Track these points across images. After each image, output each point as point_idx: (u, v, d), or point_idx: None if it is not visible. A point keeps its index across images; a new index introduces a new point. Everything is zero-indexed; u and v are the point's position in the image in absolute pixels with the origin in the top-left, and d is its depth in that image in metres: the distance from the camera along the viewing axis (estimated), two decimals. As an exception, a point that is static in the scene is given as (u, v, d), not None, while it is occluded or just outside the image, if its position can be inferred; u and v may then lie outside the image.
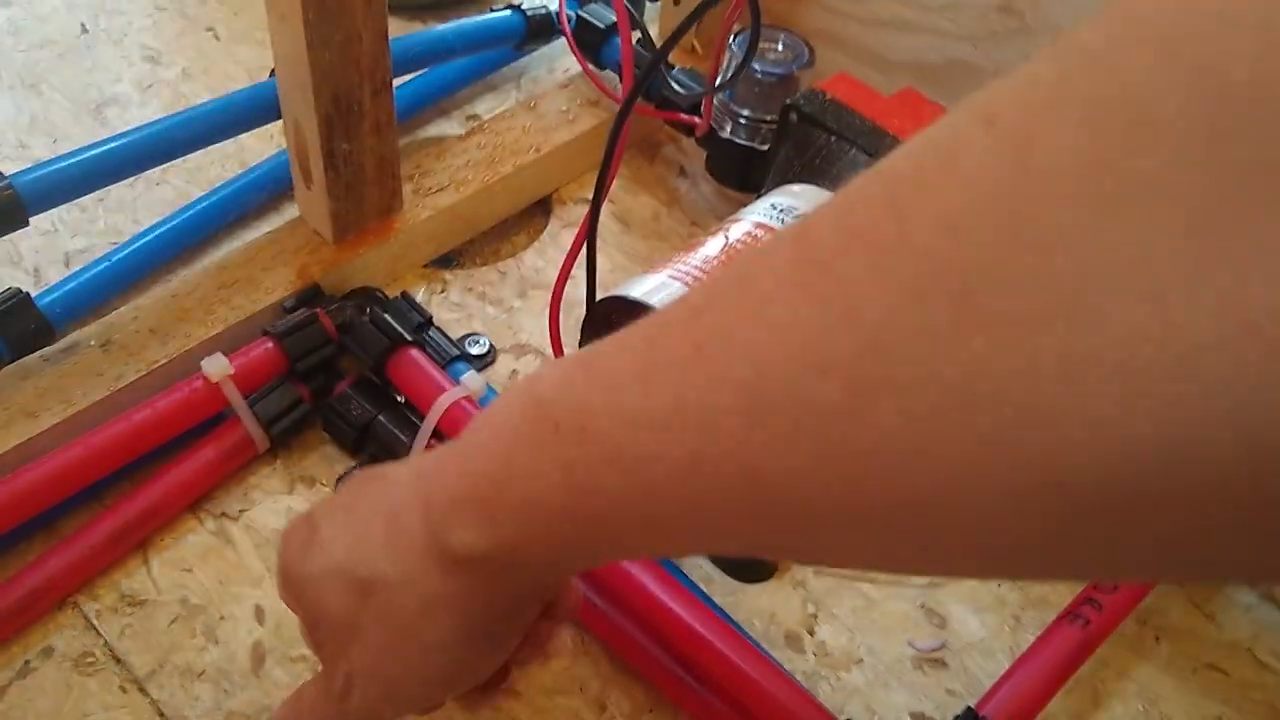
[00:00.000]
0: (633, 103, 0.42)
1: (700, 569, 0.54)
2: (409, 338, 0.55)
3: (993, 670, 0.51)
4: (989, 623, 0.53)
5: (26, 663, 0.48)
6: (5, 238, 0.53)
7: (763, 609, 0.52)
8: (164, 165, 0.60)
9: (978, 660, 0.52)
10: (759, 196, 0.56)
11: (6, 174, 0.52)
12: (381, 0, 0.53)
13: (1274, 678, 0.52)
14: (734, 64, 0.61)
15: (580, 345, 0.52)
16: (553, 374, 0.29)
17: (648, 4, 0.78)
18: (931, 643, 0.52)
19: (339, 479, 0.55)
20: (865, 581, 0.54)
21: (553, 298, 0.48)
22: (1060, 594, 0.54)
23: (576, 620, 0.41)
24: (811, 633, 0.52)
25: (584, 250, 0.47)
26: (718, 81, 0.62)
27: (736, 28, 0.59)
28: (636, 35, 0.67)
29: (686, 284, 0.49)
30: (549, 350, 0.61)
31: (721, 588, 0.53)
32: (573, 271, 0.47)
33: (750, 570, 0.53)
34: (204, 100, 0.59)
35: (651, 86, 0.66)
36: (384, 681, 0.35)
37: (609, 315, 0.51)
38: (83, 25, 0.77)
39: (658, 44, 0.72)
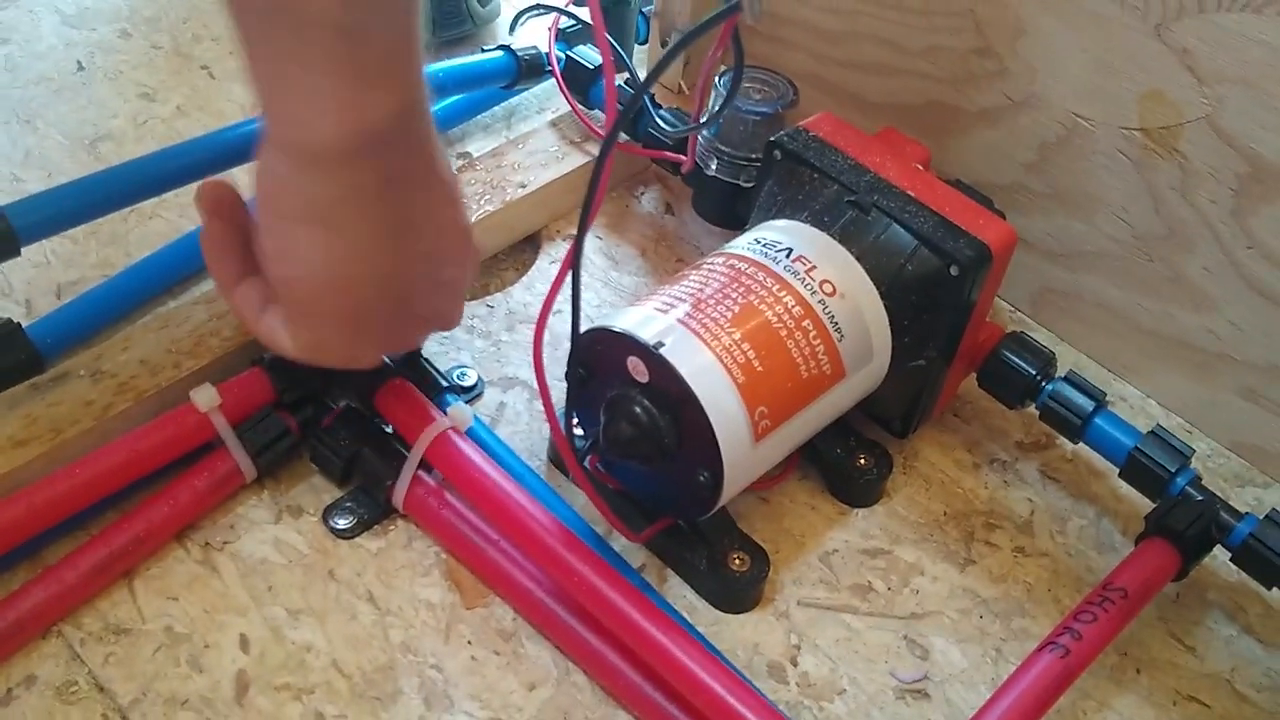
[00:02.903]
0: (616, 134, 0.43)
1: (685, 599, 0.54)
2: (397, 369, 0.56)
3: (974, 701, 0.51)
4: (970, 654, 0.53)
5: (9, 691, 0.48)
6: (-2, 269, 0.54)
7: (746, 639, 0.53)
8: (156, 199, 0.61)
9: (960, 691, 0.52)
10: (743, 232, 0.57)
11: None
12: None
13: (1254, 710, 0.53)
14: (719, 102, 0.62)
15: (566, 378, 0.53)
16: None
17: (636, 46, 0.80)
18: (914, 674, 0.52)
19: (326, 510, 0.55)
20: (848, 613, 0.54)
21: (536, 328, 0.49)
22: (1042, 625, 0.54)
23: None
24: (794, 663, 0.52)
25: (569, 283, 0.47)
26: (702, 119, 0.63)
27: (722, 67, 0.61)
28: (625, 76, 0.68)
29: (671, 314, 0.50)
30: (535, 383, 0.61)
31: (705, 617, 0.53)
32: (560, 306, 0.47)
33: (734, 601, 0.54)
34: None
35: (639, 125, 0.67)
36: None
37: (594, 347, 0.51)
38: (79, 63, 0.78)
39: (645, 84, 0.73)
